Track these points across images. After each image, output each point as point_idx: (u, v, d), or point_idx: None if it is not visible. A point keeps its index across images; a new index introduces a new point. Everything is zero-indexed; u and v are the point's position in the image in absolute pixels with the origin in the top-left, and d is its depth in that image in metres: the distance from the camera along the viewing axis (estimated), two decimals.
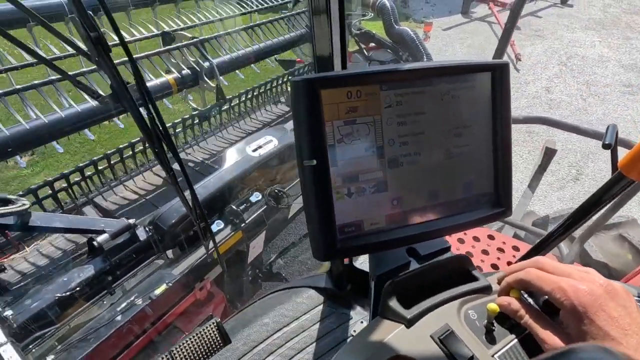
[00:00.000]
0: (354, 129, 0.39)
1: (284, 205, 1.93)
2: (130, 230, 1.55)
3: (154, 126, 0.63)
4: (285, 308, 0.89)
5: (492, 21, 7.84)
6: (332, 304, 0.90)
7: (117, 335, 1.33)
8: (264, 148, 1.93)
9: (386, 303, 0.43)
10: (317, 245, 0.41)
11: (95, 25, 0.55)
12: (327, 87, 0.37)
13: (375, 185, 0.42)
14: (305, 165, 0.38)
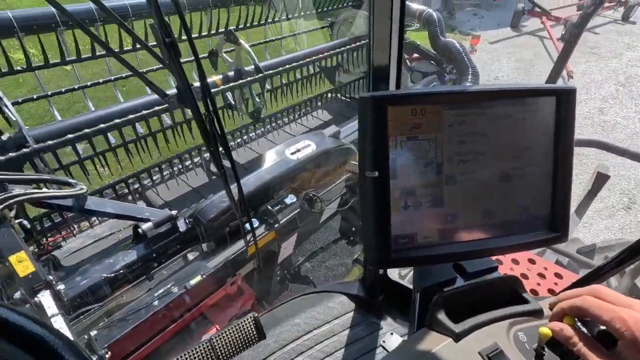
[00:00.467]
0: (415, 145, 0.41)
1: (317, 210, 1.95)
2: (171, 221, 1.64)
3: (212, 126, 0.67)
4: (317, 311, 0.91)
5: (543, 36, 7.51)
6: (363, 312, 0.90)
7: (153, 319, 1.40)
8: (302, 152, 1.96)
9: (434, 315, 0.44)
10: (371, 253, 0.43)
11: (170, 32, 0.60)
12: (394, 104, 0.39)
13: (431, 200, 0.43)
14: (367, 176, 0.40)
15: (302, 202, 1.89)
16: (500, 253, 0.46)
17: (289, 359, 0.78)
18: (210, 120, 0.66)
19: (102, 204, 1.53)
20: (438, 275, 0.47)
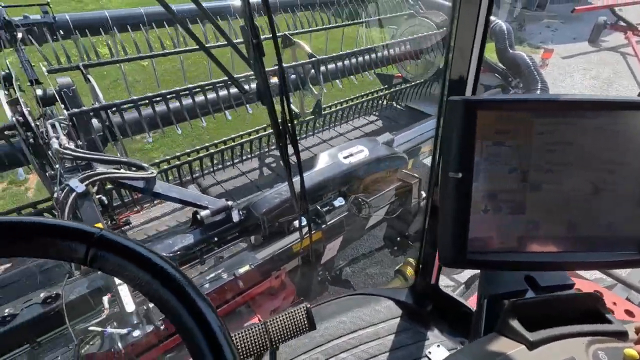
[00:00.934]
0: (501, 150, 0.41)
1: (365, 215, 1.95)
2: (226, 211, 1.73)
3: (284, 123, 0.71)
4: (363, 312, 0.92)
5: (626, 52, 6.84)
6: (410, 320, 0.89)
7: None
8: (355, 157, 1.98)
9: (507, 321, 0.43)
10: (446, 252, 0.43)
11: (258, 33, 0.65)
12: (484, 109, 0.40)
13: (512, 206, 0.43)
14: (450, 177, 0.41)
15: (350, 205, 1.91)
16: (580, 268, 0.44)
17: (333, 354, 0.80)
18: (284, 117, 0.70)
19: (168, 189, 1.67)
20: (507, 284, 0.46)
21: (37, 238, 0.33)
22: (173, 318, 0.34)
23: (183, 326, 0.34)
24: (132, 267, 0.35)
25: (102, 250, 0.34)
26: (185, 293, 0.35)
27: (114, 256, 0.35)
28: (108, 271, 0.36)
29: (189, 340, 0.34)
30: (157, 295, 0.35)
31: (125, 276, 0.35)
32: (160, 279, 0.34)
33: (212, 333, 0.34)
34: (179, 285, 0.35)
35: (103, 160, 1.56)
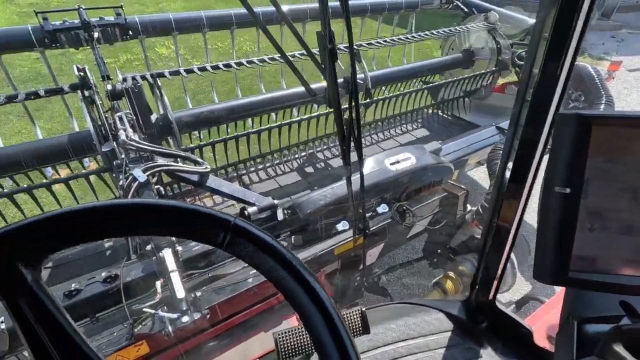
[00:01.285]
0: (613, 167, 0.39)
1: (408, 224, 1.92)
2: (272, 209, 1.78)
3: (350, 125, 0.72)
4: (413, 322, 0.90)
5: None
6: (462, 335, 0.87)
7: (245, 295, 1.54)
8: (402, 164, 1.96)
9: (609, 346, 0.41)
10: (546, 268, 0.42)
11: (333, 40, 0.67)
12: (599, 125, 0.39)
13: (622, 226, 0.41)
14: (556, 191, 0.40)
15: (394, 213, 1.89)
16: None
17: None
18: (350, 121, 0.72)
19: (219, 184, 1.74)
20: (599, 308, 0.44)
21: (187, 221, 0.37)
22: (295, 304, 0.37)
23: (305, 313, 0.37)
24: (259, 253, 0.38)
25: (236, 236, 0.38)
26: (307, 281, 0.37)
27: (245, 242, 0.38)
28: (239, 255, 0.39)
29: (310, 327, 0.36)
30: (281, 282, 0.37)
31: (253, 261, 0.38)
32: (286, 268, 0.37)
33: (332, 322, 0.35)
34: (301, 275, 0.37)
35: (164, 153, 1.66)
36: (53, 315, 0.37)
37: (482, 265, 0.86)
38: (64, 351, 0.37)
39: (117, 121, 1.75)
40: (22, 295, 0.35)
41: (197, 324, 1.38)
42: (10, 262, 0.35)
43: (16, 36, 2.07)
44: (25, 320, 0.35)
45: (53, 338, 0.36)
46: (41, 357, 0.36)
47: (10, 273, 0.35)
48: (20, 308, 0.35)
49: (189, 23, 2.58)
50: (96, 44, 2.18)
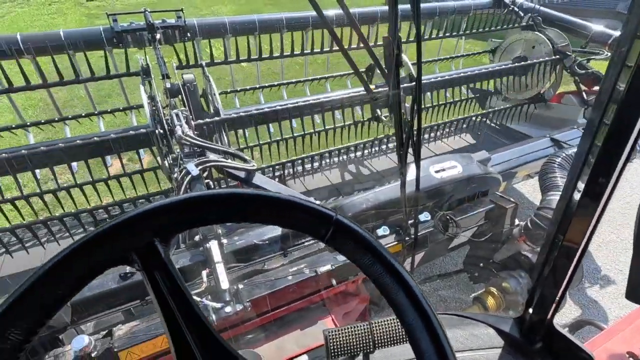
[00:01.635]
0: None
1: (451, 234, 1.87)
2: None
3: (410, 130, 0.72)
4: (460, 335, 0.88)
5: None
6: (514, 353, 0.83)
7: (285, 291, 1.57)
8: (447, 172, 1.91)
9: None
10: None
11: (400, 46, 0.67)
12: None
13: None
14: None
15: (436, 222, 1.84)
16: None
17: None
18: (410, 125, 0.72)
19: (265, 181, 1.80)
20: None
21: (293, 213, 0.40)
22: (392, 301, 0.39)
23: (402, 312, 0.38)
24: (359, 249, 0.39)
25: (337, 231, 0.40)
26: (405, 281, 0.38)
27: (346, 238, 0.40)
28: (339, 249, 0.41)
29: (407, 325, 0.37)
30: (379, 279, 0.39)
31: (353, 256, 0.40)
32: (384, 266, 0.38)
33: (430, 323, 0.36)
34: (397, 272, 0.38)
35: (215, 150, 1.74)
36: (180, 288, 0.42)
37: (540, 283, 0.82)
38: (189, 319, 0.42)
39: (174, 117, 1.85)
40: (158, 268, 0.41)
41: (238, 316, 1.42)
42: (150, 238, 0.40)
43: (90, 36, 2.26)
44: (159, 290, 0.41)
45: (181, 307, 0.41)
46: (171, 323, 0.41)
47: (149, 248, 0.40)
48: (156, 279, 0.41)
49: (243, 26, 2.69)
50: (158, 45, 2.33)
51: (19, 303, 0.37)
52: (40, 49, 2.18)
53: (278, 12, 2.91)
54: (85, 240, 0.39)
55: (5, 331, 0.36)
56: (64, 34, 2.23)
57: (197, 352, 0.42)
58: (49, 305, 0.38)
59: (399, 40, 0.65)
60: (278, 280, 1.60)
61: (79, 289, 0.40)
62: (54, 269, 0.38)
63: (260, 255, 1.76)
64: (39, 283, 0.37)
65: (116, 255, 0.40)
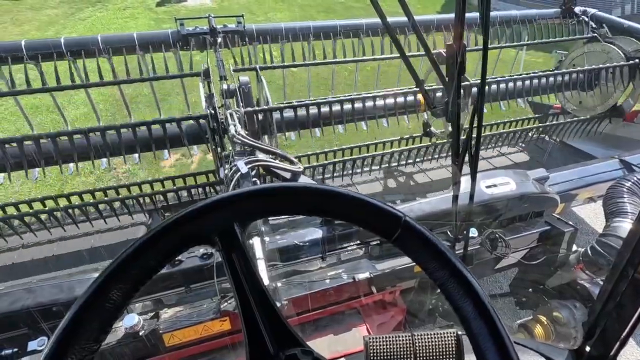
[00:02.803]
0: None
1: (499, 253, 1.77)
2: None
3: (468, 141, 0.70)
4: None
5: None
6: None
7: (322, 294, 1.58)
8: (499, 188, 1.81)
9: None
10: None
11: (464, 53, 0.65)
12: None
13: None
14: None
15: (484, 239, 1.75)
16: None
17: None
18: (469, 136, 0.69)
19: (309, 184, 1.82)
20: None
21: (364, 211, 0.42)
22: (456, 307, 0.38)
23: (468, 320, 0.37)
24: (425, 253, 0.40)
25: (406, 232, 0.40)
26: (474, 289, 0.37)
27: (413, 239, 0.40)
28: (405, 250, 0.42)
29: (473, 334, 0.37)
30: (444, 284, 0.39)
31: (418, 259, 0.40)
32: (450, 271, 0.38)
33: (498, 333, 0.36)
34: (466, 279, 0.38)
35: (264, 150, 1.80)
36: (254, 271, 0.45)
37: (603, 316, 0.75)
38: (260, 301, 0.46)
39: (229, 117, 1.94)
40: (235, 250, 0.44)
41: None
42: (230, 222, 0.44)
43: (160, 39, 2.45)
44: (235, 271, 0.44)
45: (253, 288, 0.44)
46: (245, 303, 0.44)
47: (229, 231, 0.44)
48: (233, 261, 0.44)
49: (297, 32, 2.77)
50: (218, 48, 2.46)
51: (121, 267, 0.41)
52: (116, 49, 2.40)
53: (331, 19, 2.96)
54: (177, 218, 0.42)
55: (110, 290, 0.40)
56: (137, 35, 2.43)
57: (265, 332, 0.44)
58: (143, 274, 0.42)
59: (463, 47, 0.64)
60: (315, 283, 1.61)
61: (166, 262, 0.44)
62: (150, 241, 0.42)
63: (300, 256, 1.78)
64: (138, 251, 0.41)
65: (201, 234, 0.44)
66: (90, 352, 0.40)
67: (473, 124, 0.66)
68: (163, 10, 10.82)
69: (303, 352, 0.46)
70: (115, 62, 2.48)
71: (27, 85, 2.19)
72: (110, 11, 10.75)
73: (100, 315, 0.40)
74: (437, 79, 0.85)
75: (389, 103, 2.41)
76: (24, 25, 9.55)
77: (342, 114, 2.39)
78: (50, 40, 2.31)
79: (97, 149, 2.14)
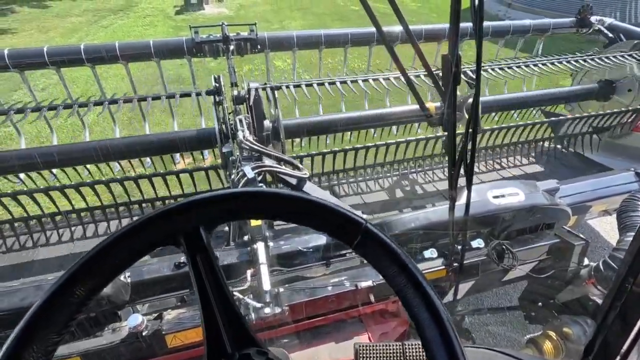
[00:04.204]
0: None
1: (506, 266, 1.73)
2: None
3: (463, 151, 0.70)
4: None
5: None
6: None
7: (324, 300, 1.57)
8: (507, 199, 1.78)
9: None
10: None
11: (459, 63, 0.66)
12: None
13: None
14: None
15: (490, 251, 1.72)
16: None
17: None
18: (464, 146, 0.69)
19: (314, 190, 1.84)
20: None
21: (325, 216, 0.43)
22: (413, 315, 0.39)
23: (423, 326, 0.38)
24: (385, 259, 0.40)
25: (366, 238, 0.41)
26: (428, 295, 0.38)
27: (373, 246, 0.41)
28: (365, 257, 0.43)
29: (427, 341, 0.37)
30: (402, 290, 0.39)
31: (378, 265, 0.41)
32: (408, 278, 0.39)
33: (450, 340, 0.36)
34: (422, 287, 0.39)
35: (271, 155, 1.82)
36: (217, 272, 0.47)
37: (603, 330, 0.73)
38: (221, 303, 0.48)
39: (238, 123, 1.98)
40: (199, 252, 0.46)
41: (276, 318, 1.46)
42: (196, 225, 0.46)
43: (175, 46, 2.53)
44: (198, 271, 0.46)
45: (215, 290, 0.46)
46: (206, 303, 0.46)
47: (194, 233, 0.46)
48: (197, 262, 0.46)
49: (309, 40, 2.81)
50: (230, 55, 2.52)
51: (86, 266, 0.43)
52: (132, 55, 2.48)
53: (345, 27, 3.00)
54: (141, 221, 0.44)
55: (75, 287, 0.42)
56: (152, 43, 2.51)
57: (224, 331, 0.46)
58: (108, 272, 0.44)
59: (457, 57, 0.64)
60: (318, 289, 1.61)
61: (132, 262, 0.46)
62: (115, 242, 0.44)
63: (303, 262, 1.78)
64: (103, 252, 0.44)
65: (166, 235, 0.46)
66: (52, 344, 0.42)
67: (468, 133, 0.66)
68: (182, 19, 11.13)
69: (258, 352, 0.47)
70: (133, 68, 2.57)
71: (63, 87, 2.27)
72: (131, 19, 11.12)
73: (65, 309, 0.42)
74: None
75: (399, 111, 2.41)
76: (49, 32, 9.96)
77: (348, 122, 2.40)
78: (71, 46, 2.41)
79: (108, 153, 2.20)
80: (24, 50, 2.40)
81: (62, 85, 2.46)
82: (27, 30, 10.17)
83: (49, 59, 2.31)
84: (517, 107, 2.95)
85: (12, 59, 2.26)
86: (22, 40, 9.48)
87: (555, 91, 3.04)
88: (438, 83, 0.69)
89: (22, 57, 2.30)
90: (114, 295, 1.43)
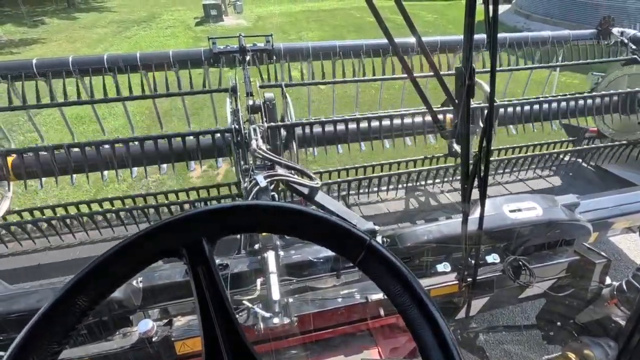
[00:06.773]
0: None
1: (522, 282, 1.67)
2: (373, 234, 1.78)
3: (476, 164, 0.68)
4: None
5: None
6: None
7: (332, 313, 1.55)
8: (524, 213, 1.74)
9: None
10: None
11: (473, 75, 0.65)
12: None
13: None
14: None
15: (506, 267, 1.67)
16: None
17: None
18: (478, 159, 0.68)
19: (326, 200, 1.83)
20: None
21: (329, 232, 0.42)
22: (416, 335, 0.38)
23: (426, 348, 0.37)
24: (388, 277, 0.40)
25: (369, 255, 0.41)
26: (432, 316, 0.37)
27: (377, 263, 0.40)
28: (369, 274, 0.42)
29: (427, 359, 0.36)
30: (406, 310, 0.38)
31: (381, 282, 0.40)
32: (412, 297, 0.38)
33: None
34: (427, 308, 0.38)
35: (284, 165, 1.83)
36: (218, 286, 0.47)
37: (627, 353, 0.69)
38: (221, 317, 0.47)
39: (252, 131, 2.00)
40: (201, 264, 0.46)
41: (284, 329, 1.44)
42: (198, 237, 0.46)
43: (193, 56, 2.60)
44: (200, 283, 0.46)
45: (216, 304, 0.45)
46: (205, 314, 0.46)
47: (196, 245, 0.46)
48: (198, 274, 0.46)
49: (324, 51, 2.84)
50: (246, 66, 2.57)
51: (90, 276, 0.43)
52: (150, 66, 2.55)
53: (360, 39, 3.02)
54: (143, 233, 0.45)
55: (77, 296, 0.42)
56: (172, 53, 2.58)
57: (224, 349, 0.45)
58: (111, 282, 0.45)
59: (471, 70, 0.63)
60: (328, 301, 1.59)
61: (135, 273, 0.46)
62: (117, 254, 0.44)
63: (314, 272, 1.77)
64: (105, 264, 0.44)
65: (169, 247, 0.46)
66: (52, 354, 0.42)
67: (482, 146, 0.64)
68: (201, 30, 11.45)
69: None
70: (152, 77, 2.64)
71: (77, 96, 2.37)
72: (153, 30, 11.51)
73: (66, 318, 0.42)
74: None
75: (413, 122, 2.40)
76: (76, 43, 10.41)
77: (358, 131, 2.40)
78: (95, 57, 2.50)
79: (126, 159, 2.26)
80: (49, 60, 2.50)
81: (85, 94, 2.55)
82: (55, 40, 10.65)
83: (73, 69, 2.40)
84: (534, 117, 2.89)
85: (38, 68, 2.36)
86: (51, 49, 9.92)
87: (579, 103, 2.96)
88: (452, 96, 0.68)
89: (47, 67, 2.39)
90: (126, 300, 1.44)
